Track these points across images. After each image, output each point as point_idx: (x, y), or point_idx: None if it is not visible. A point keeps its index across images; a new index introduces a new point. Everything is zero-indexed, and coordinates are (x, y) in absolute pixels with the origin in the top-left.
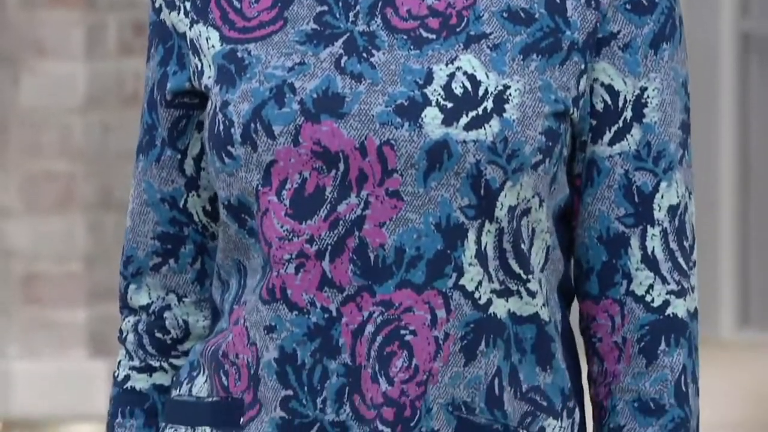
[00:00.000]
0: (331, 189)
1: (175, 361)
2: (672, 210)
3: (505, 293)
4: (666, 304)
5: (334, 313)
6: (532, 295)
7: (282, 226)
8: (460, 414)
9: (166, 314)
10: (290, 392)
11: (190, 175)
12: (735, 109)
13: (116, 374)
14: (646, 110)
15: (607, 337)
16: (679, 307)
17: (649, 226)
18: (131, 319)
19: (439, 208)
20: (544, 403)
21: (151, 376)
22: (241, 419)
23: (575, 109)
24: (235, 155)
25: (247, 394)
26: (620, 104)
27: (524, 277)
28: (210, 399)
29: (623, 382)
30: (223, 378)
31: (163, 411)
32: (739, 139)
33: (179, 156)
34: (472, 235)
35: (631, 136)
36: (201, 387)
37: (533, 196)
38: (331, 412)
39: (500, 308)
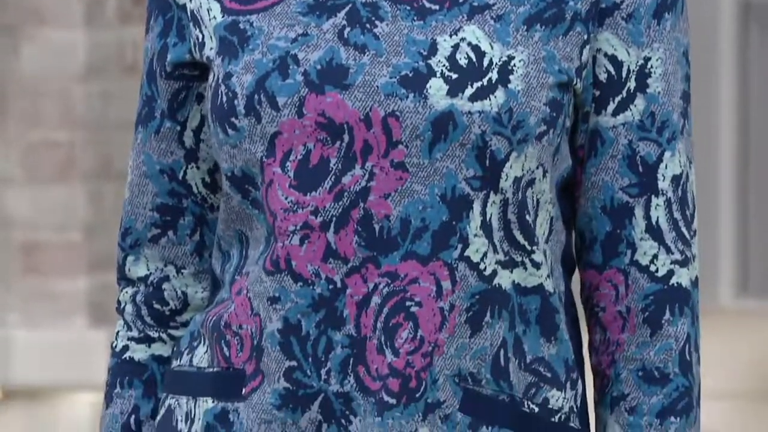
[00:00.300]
0: (336, 161)
1: (173, 332)
2: (675, 180)
3: (509, 264)
4: (670, 273)
5: (339, 285)
6: (536, 266)
7: (286, 198)
8: (466, 385)
9: (165, 285)
10: (294, 363)
11: (190, 147)
12: (735, 77)
13: (114, 345)
14: (649, 80)
15: (611, 307)
16: (682, 277)
17: (653, 196)
18: (129, 290)
19: (445, 180)
20: (548, 375)
21: (149, 346)
22: (243, 390)
23: (578, 80)
24: (239, 127)
25: (248, 364)
26: (624, 75)
27: (529, 248)
28: (211, 369)
29: (627, 351)
30: (225, 348)
31: (162, 381)
32: (739, 108)
33: (179, 128)
34: (477, 207)
35: (635, 106)
36: (201, 357)
37: (537, 167)
38: (336, 383)
39: (505, 279)
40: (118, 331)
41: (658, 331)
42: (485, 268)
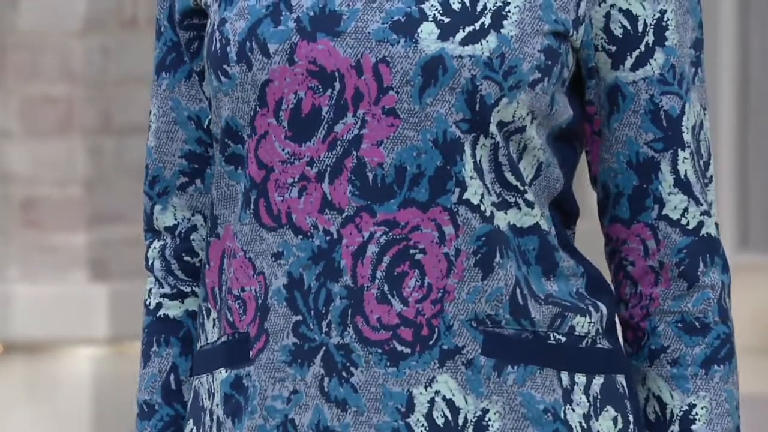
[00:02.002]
0: (327, 109)
1: None
2: (692, 130)
3: (503, 206)
4: (700, 225)
5: (335, 236)
6: (530, 205)
7: (283, 149)
8: (485, 328)
9: (193, 236)
10: (300, 317)
11: (209, 97)
12: (735, 32)
13: (148, 302)
14: (667, 33)
15: (641, 261)
16: (710, 226)
17: (679, 150)
18: (157, 244)
19: (435, 124)
20: (568, 304)
21: (183, 302)
22: (251, 353)
23: (575, 33)
24: (231, 74)
25: (252, 326)
26: (640, 29)
27: (521, 188)
28: (220, 340)
29: (663, 305)
30: (229, 315)
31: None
32: (739, 59)
33: (197, 77)
34: (468, 149)
35: (654, 60)
36: (212, 332)
37: (528, 114)
38: (336, 335)
39: (501, 221)
40: (150, 289)
41: (695, 283)
42: (485, 209)
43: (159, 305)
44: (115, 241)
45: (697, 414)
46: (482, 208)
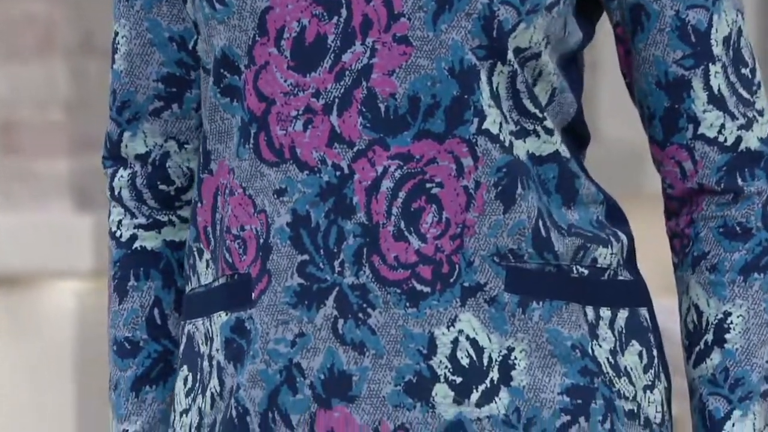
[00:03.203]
0: (334, 37)
1: (182, 213)
2: (726, 41)
3: (522, 134)
4: (738, 140)
5: (346, 170)
6: (549, 132)
7: (286, 81)
8: (508, 263)
9: (169, 163)
10: (306, 257)
11: None
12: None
13: (118, 234)
14: None
15: (679, 184)
16: (750, 140)
17: (710, 65)
18: (123, 173)
19: (451, 52)
20: (590, 234)
21: (159, 232)
22: (252, 294)
23: None
24: (228, 1)
25: (253, 267)
26: None
27: (540, 115)
28: (217, 282)
29: (707, 210)
30: (227, 255)
31: (179, 270)
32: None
33: None
34: (483, 77)
35: None
36: (206, 273)
37: (543, 39)
38: (350, 274)
39: (520, 150)
40: (119, 220)
41: (741, 194)
42: (504, 139)
43: (133, 237)
44: (99, 168)
45: (732, 323)
46: (501, 137)
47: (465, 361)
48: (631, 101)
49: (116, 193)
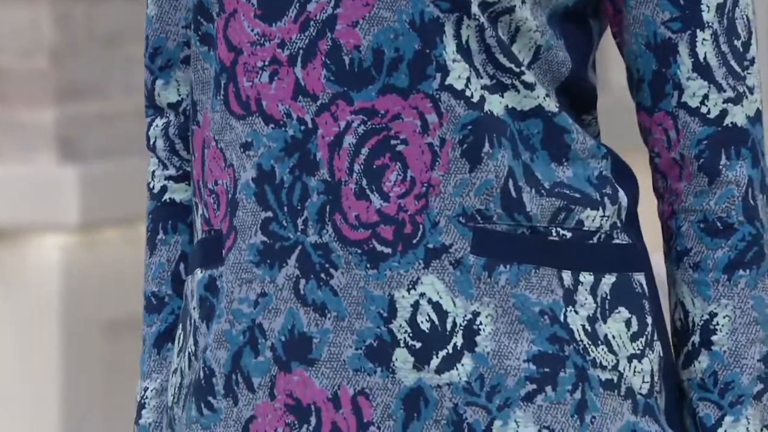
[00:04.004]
0: None
1: None
2: (720, 8)
3: (498, 88)
4: (723, 113)
5: (310, 125)
6: (529, 87)
7: (252, 30)
8: (475, 224)
9: None
10: (270, 214)
11: None
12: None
13: (151, 186)
14: None
15: (665, 153)
16: (737, 115)
17: (698, 30)
18: (159, 122)
19: (411, 4)
20: (577, 195)
21: (189, 184)
22: (222, 252)
23: None
24: None
25: (224, 223)
26: None
27: (517, 69)
28: (198, 238)
29: (686, 202)
30: (205, 210)
31: None
32: None
33: None
34: (449, 30)
35: None
36: (198, 230)
37: None
38: (313, 233)
39: (495, 105)
40: (153, 171)
41: (717, 178)
42: (471, 95)
43: (164, 188)
44: (87, 118)
45: (718, 324)
46: (468, 93)
47: (425, 326)
48: None
49: (151, 143)
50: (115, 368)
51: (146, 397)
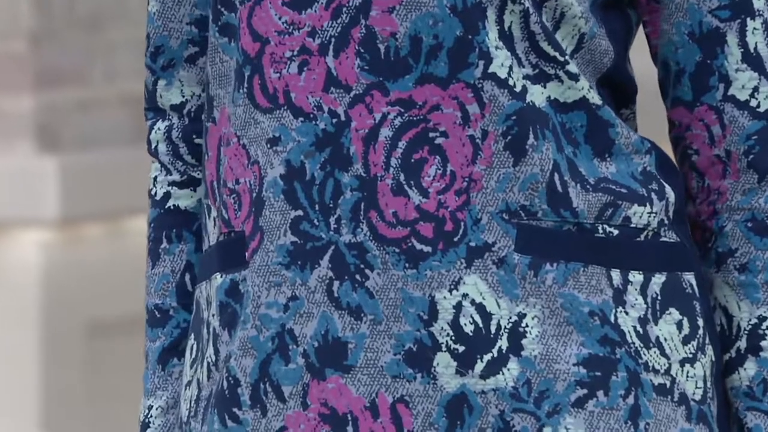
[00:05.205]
0: None
1: None
2: None
3: (541, 78)
4: None
5: (343, 117)
6: (574, 78)
7: (280, 18)
8: (519, 221)
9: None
10: (300, 212)
11: None
12: None
13: (153, 192)
14: None
15: (706, 150)
16: None
17: (748, 19)
18: (161, 125)
19: None
20: (623, 191)
21: (195, 191)
22: (246, 254)
23: None
24: None
25: (247, 224)
26: None
27: (561, 59)
28: (216, 241)
29: (732, 201)
30: (224, 211)
31: None
32: None
33: None
34: (492, 15)
35: None
36: (213, 232)
37: None
38: (347, 232)
39: (537, 96)
40: (155, 177)
41: (766, 175)
42: (514, 84)
43: (167, 195)
44: (67, 105)
45: (767, 328)
46: (511, 82)
47: (469, 329)
48: None
49: (153, 147)
50: (97, 368)
51: (151, 416)
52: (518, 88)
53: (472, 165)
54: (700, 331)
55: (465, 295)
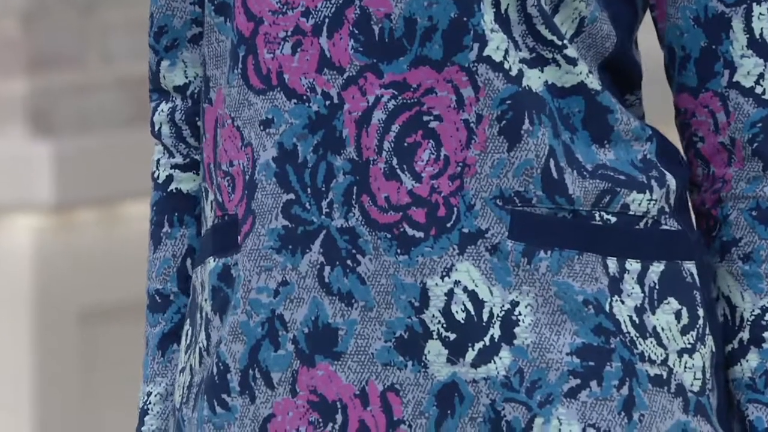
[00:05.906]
0: None
1: None
2: None
3: (538, 62)
4: None
5: (336, 100)
6: (572, 62)
7: None
8: (513, 207)
9: None
10: (292, 196)
11: None
12: None
13: (156, 175)
14: None
15: (711, 137)
16: None
17: (754, 4)
18: (164, 106)
19: None
20: (622, 177)
21: (197, 174)
22: (238, 238)
23: None
24: None
25: (240, 207)
26: None
27: (559, 42)
28: (211, 224)
29: (736, 189)
30: (218, 194)
31: None
32: None
33: None
34: None
35: None
36: (210, 216)
37: None
38: (339, 216)
39: (534, 80)
40: (158, 159)
41: None
42: (510, 67)
43: (170, 178)
44: (61, 89)
45: None
46: (506, 65)
47: (460, 316)
48: None
49: (156, 129)
50: (90, 356)
51: (149, 403)
52: (514, 72)
53: (466, 150)
54: (700, 321)
55: (457, 282)
